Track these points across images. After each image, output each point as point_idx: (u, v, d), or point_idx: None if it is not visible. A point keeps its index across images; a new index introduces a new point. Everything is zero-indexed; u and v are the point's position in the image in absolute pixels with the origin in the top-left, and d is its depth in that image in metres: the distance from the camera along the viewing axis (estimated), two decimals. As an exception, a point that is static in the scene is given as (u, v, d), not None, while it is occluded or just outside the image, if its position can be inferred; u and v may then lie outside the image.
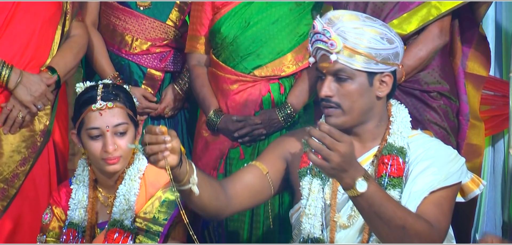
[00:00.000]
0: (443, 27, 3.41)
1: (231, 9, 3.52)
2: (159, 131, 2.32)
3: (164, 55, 3.86)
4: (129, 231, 2.91)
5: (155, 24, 3.83)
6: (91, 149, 2.94)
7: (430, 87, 3.44)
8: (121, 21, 3.84)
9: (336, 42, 2.63)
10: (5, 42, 3.35)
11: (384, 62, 2.67)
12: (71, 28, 3.56)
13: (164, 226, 2.94)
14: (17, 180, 3.38)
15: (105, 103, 2.92)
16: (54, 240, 3.06)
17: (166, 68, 3.86)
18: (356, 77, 2.67)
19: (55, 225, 3.07)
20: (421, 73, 3.43)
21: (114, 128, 2.92)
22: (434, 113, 3.45)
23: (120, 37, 3.84)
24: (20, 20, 3.37)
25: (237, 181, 2.77)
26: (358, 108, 2.70)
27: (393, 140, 2.72)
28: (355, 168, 2.43)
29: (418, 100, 3.43)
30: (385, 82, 2.71)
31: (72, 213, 3.03)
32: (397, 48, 2.69)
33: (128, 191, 2.96)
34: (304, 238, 2.76)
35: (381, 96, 2.72)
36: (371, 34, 2.64)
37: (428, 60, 3.41)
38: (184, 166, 2.42)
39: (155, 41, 3.84)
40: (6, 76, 3.29)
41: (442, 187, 2.64)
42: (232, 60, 3.53)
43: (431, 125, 3.44)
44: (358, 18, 2.67)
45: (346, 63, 2.65)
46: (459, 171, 2.71)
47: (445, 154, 2.75)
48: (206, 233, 3.19)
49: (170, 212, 2.95)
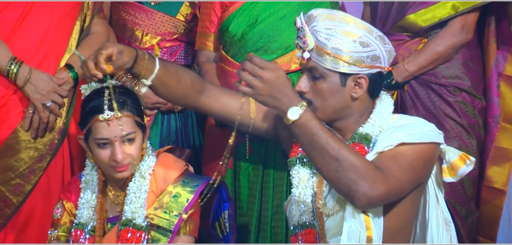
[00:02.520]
0: (465, 24, 3.41)
1: (239, 6, 3.55)
2: (101, 66, 2.65)
3: (174, 49, 3.89)
4: (142, 229, 2.91)
5: (165, 18, 3.86)
6: (100, 156, 2.90)
7: (447, 81, 3.45)
8: (131, 16, 3.86)
9: (308, 41, 2.67)
10: (20, 37, 3.34)
11: (358, 65, 2.66)
12: (91, 25, 3.53)
13: (176, 222, 2.94)
14: (33, 176, 3.39)
15: (112, 113, 2.85)
16: (65, 235, 3.04)
17: (177, 62, 3.87)
18: (328, 76, 2.69)
19: (66, 220, 3.06)
20: (440, 67, 3.43)
21: (122, 137, 2.87)
22: (449, 108, 3.46)
23: (130, 32, 3.87)
24: (36, 15, 3.35)
25: (220, 96, 2.92)
26: (330, 107, 2.72)
27: (362, 130, 2.74)
28: (289, 98, 2.54)
29: (434, 93, 3.45)
30: (360, 84, 2.70)
31: (80, 212, 3.01)
32: (375, 51, 2.67)
33: (139, 189, 2.94)
34: (294, 225, 2.83)
35: (356, 98, 2.71)
36: (342, 36, 2.65)
37: (448, 55, 3.41)
38: (139, 68, 2.72)
39: (165, 35, 3.87)
40: (14, 72, 3.28)
41: (401, 143, 2.62)
42: (240, 56, 3.55)
43: (446, 119, 3.46)
44: (335, 18, 2.67)
45: (318, 62, 2.68)
46: (424, 132, 2.67)
47: (411, 120, 2.75)
48: (216, 225, 3.22)
49: (181, 207, 2.95)
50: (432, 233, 2.77)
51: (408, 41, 3.51)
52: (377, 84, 2.73)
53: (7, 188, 3.37)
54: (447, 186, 3.44)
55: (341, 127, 2.77)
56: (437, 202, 2.79)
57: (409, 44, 3.51)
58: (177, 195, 2.98)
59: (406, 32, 3.50)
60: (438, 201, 2.79)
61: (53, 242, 3.05)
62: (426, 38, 3.47)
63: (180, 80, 2.84)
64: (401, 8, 3.49)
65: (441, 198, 2.80)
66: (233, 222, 3.16)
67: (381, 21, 3.57)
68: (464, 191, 3.54)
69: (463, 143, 3.49)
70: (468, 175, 3.40)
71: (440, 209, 2.79)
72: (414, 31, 3.48)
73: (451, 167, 2.72)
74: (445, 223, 2.79)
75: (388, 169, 2.56)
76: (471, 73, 3.49)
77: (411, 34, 3.50)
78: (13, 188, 3.37)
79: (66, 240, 3.04)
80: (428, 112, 3.47)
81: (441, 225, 2.78)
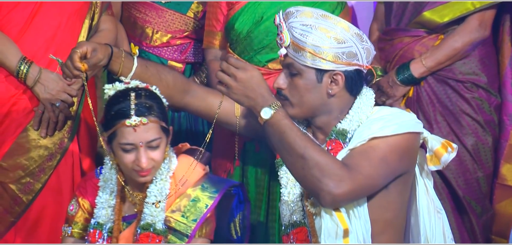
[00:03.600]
0: (482, 21, 3.41)
1: (244, 5, 3.55)
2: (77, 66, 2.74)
3: (184, 47, 3.89)
4: (161, 234, 2.89)
5: (175, 16, 3.85)
6: (123, 160, 2.84)
7: (465, 77, 3.44)
8: (141, 13, 3.86)
9: (285, 37, 2.70)
10: (30, 36, 3.35)
11: (333, 61, 2.67)
12: (100, 22, 3.53)
13: (193, 227, 2.92)
14: (43, 174, 3.40)
15: (139, 119, 2.79)
16: (79, 232, 3.02)
17: (187, 60, 3.89)
18: (304, 73, 2.70)
19: (80, 217, 3.02)
20: (457, 63, 3.44)
21: (148, 143, 2.83)
22: (466, 104, 3.45)
23: (140, 29, 3.87)
24: (46, 14, 3.36)
25: (206, 96, 2.96)
26: (307, 103, 2.73)
27: (339, 126, 2.74)
28: (264, 98, 2.61)
29: (451, 89, 3.45)
30: (336, 80, 2.71)
31: (99, 212, 2.98)
32: (351, 48, 2.68)
33: (159, 192, 2.91)
34: (285, 225, 2.85)
35: (332, 94, 2.72)
36: (318, 32, 2.66)
37: (465, 52, 3.41)
38: (116, 65, 2.82)
39: (175, 33, 3.87)
40: (24, 72, 3.29)
41: (373, 138, 2.63)
42: (246, 54, 3.55)
43: (463, 116, 3.45)
44: (311, 15, 2.69)
45: (294, 58, 2.70)
46: (398, 123, 2.67)
47: (387, 112, 2.75)
48: (231, 226, 3.22)
49: (200, 213, 2.93)
50: (424, 222, 2.78)
51: (425, 37, 3.51)
52: (355, 81, 2.73)
53: (17, 187, 3.38)
54: (463, 183, 3.48)
55: (322, 125, 2.78)
56: (426, 191, 2.80)
57: (425, 40, 3.51)
58: (196, 199, 2.96)
59: (423, 28, 3.50)
60: (427, 190, 2.80)
61: (67, 238, 3.03)
62: (443, 35, 3.47)
63: (161, 80, 2.89)
64: (418, 5, 3.49)
65: (431, 187, 2.81)
66: (247, 223, 3.15)
67: (396, 18, 3.57)
68: (480, 188, 3.54)
69: (479, 140, 3.49)
70: (483, 171, 3.50)
71: (430, 198, 2.80)
72: (431, 28, 3.48)
73: (435, 155, 2.73)
74: (436, 211, 2.80)
75: (356, 166, 2.57)
76: (487, 70, 3.49)
77: (428, 30, 3.50)
78: (23, 187, 3.38)
79: (80, 237, 3.02)
80: (445, 109, 3.47)
81: (433, 213, 2.79)
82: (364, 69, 2.74)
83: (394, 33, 3.55)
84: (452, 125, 3.47)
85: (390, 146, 2.62)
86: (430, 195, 2.81)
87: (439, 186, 3.47)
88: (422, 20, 3.48)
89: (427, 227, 2.77)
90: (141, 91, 2.84)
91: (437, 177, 3.44)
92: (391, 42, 3.56)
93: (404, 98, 3.52)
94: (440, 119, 3.48)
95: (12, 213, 3.38)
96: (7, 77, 3.36)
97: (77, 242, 3.02)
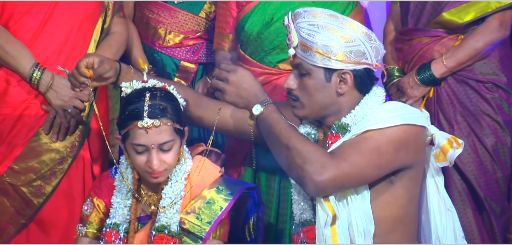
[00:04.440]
0: (503, 21, 3.39)
1: (254, 6, 3.54)
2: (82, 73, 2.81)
3: (197, 47, 3.88)
4: (176, 236, 2.87)
5: (188, 16, 3.84)
6: (136, 161, 2.84)
7: (485, 77, 3.42)
8: (154, 14, 3.85)
9: (293, 37, 2.74)
10: (43, 41, 3.36)
11: (341, 60, 2.70)
12: (111, 25, 3.54)
13: (208, 230, 2.90)
14: (54, 178, 3.40)
15: (152, 121, 2.78)
16: (94, 232, 3.02)
17: (199, 60, 3.88)
18: (313, 72, 2.73)
19: (95, 217, 3.02)
20: (477, 63, 3.42)
21: (160, 145, 2.81)
22: (487, 105, 3.43)
23: (153, 30, 3.86)
24: (59, 19, 3.36)
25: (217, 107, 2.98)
26: (317, 103, 2.77)
27: (343, 120, 2.76)
28: (256, 96, 2.74)
29: (472, 89, 3.43)
30: (345, 79, 2.73)
31: (115, 211, 2.97)
32: (359, 47, 2.70)
33: (175, 193, 2.91)
34: (296, 224, 2.88)
35: (342, 93, 2.75)
36: (325, 32, 2.69)
37: (485, 52, 3.39)
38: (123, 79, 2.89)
39: (188, 33, 3.85)
40: (37, 78, 3.30)
41: (368, 130, 2.65)
42: (257, 54, 3.55)
43: (483, 116, 3.43)
44: (319, 15, 2.72)
45: (303, 58, 2.74)
46: (397, 115, 2.69)
47: (391, 107, 2.76)
48: (246, 228, 3.21)
49: (214, 215, 2.91)
50: (435, 220, 2.79)
51: (444, 37, 3.48)
52: (364, 80, 2.75)
53: (29, 190, 3.38)
54: (484, 184, 3.47)
55: (331, 124, 2.79)
56: (437, 188, 2.81)
57: (445, 40, 3.48)
58: (211, 201, 2.94)
59: (443, 28, 3.47)
60: (438, 187, 2.81)
61: (81, 238, 3.03)
62: (462, 35, 3.45)
63: None
64: (436, 4, 3.46)
65: (441, 185, 2.81)
66: (261, 225, 3.15)
67: (414, 18, 3.55)
68: (499, 189, 3.51)
69: (499, 140, 3.46)
70: (502, 172, 3.48)
71: (441, 196, 2.81)
72: (451, 28, 3.46)
73: (441, 151, 2.74)
74: (447, 209, 2.81)
75: (342, 154, 2.61)
76: (506, 70, 3.46)
77: (447, 31, 3.47)
78: (34, 190, 3.39)
79: (95, 237, 3.02)
80: (465, 109, 3.44)
81: (443, 211, 2.80)
82: (374, 68, 2.75)
83: (412, 33, 3.53)
84: (472, 125, 3.44)
85: (385, 137, 2.64)
86: (441, 193, 2.81)
87: (460, 186, 3.46)
88: (441, 21, 3.45)
89: (438, 225, 2.79)
90: (156, 91, 2.83)
91: (457, 177, 3.45)
92: (410, 42, 3.53)
93: (424, 99, 3.49)
94: (460, 120, 3.45)
95: (23, 215, 3.38)
96: (20, 81, 3.36)
97: (92, 242, 3.02)
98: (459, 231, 2.83)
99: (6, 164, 3.36)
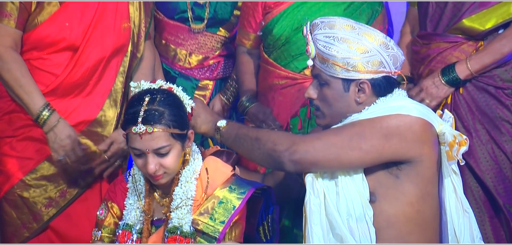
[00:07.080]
0: None
1: (284, 9, 3.55)
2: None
3: (215, 65, 3.90)
4: (189, 236, 2.85)
5: (207, 36, 3.87)
6: (137, 163, 2.87)
7: (505, 84, 3.41)
8: (173, 36, 3.88)
9: (310, 49, 2.79)
10: (75, 75, 3.35)
11: (358, 70, 2.73)
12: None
13: (221, 230, 2.87)
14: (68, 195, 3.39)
15: (145, 127, 2.77)
16: (109, 236, 3.00)
17: (217, 77, 3.91)
18: (332, 83, 2.78)
19: (110, 221, 3.00)
20: (497, 70, 3.41)
21: (155, 150, 2.82)
22: (506, 111, 3.41)
23: (173, 52, 3.88)
24: (90, 53, 3.36)
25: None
26: (336, 112, 2.80)
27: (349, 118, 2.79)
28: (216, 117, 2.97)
29: (491, 96, 3.41)
30: (363, 89, 2.76)
31: (128, 213, 2.97)
32: (375, 56, 2.73)
33: (185, 194, 2.89)
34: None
35: (360, 102, 2.77)
36: (341, 44, 2.72)
37: (510, 57, 3.38)
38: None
39: (208, 53, 3.88)
40: (44, 119, 3.27)
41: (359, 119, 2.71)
42: (283, 59, 3.57)
43: (502, 123, 3.41)
44: (334, 25, 2.76)
45: (321, 69, 2.78)
46: (392, 106, 2.72)
47: (395, 103, 2.77)
48: (260, 230, 3.15)
49: (228, 215, 2.89)
50: (452, 221, 2.79)
51: (464, 43, 3.47)
52: (382, 87, 2.77)
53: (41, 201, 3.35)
54: (503, 190, 3.43)
55: None
56: (454, 190, 2.80)
57: (465, 46, 3.47)
58: (224, 201, 2.92)
59: (462, 34, 3.47)
60: (455, 188, 2.80)
61: (97, 242, 3.01)
62: (482, 41, 3.44)
63: None
64: (456, 10, 3.47)
65: (458, 187, 2.81)
66: (276, 226, 3.10)
67: (433, 22, 3.55)
68: (516, 194, 3.49)
69: (518, 147, 3.47)
70: None
71: (458, 197, 2.80)
72: (471, 35, 3.46)
73: (450, 149, 2.75)
74: (464, 211, 2.80)
75: (317, 133, 2.73)
76: None
77: (467, 37, 3.47)
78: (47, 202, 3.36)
79: (110, 241, 3.00)
80: (484, 116, 3.42)
81: (461, 212, 2.79)
82: (393, 75, 2.78)
83: (431, 38, 3.52)
84: (491, 132, 3.42)
85: (373, 123, 2.69)
86: (458, 194, 2.81)
87: (476, 193, 3.42)
88: (462, 27, 3.46)
89: (455, 226, 2.78)
90: (157, 95, 2.83)
91: (474, 184, 3.42)
92: (428, 46, 3.53)
93: (441, 105, 3.46)
94: (479, 127, 3.43)
95: (28, 228, 3.35)
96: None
97: None
98: (476, 232, 2.82)
99: (18, 176, 3.33)
